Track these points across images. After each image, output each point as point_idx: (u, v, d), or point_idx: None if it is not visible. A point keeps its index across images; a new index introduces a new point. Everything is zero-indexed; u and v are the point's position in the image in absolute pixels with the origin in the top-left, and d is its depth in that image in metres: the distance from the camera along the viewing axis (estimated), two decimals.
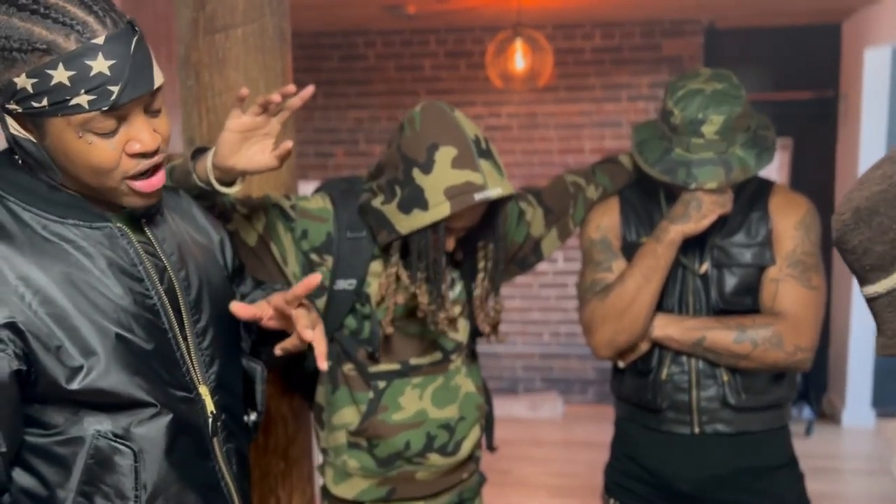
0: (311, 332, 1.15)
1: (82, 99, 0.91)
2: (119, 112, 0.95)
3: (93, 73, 0.91)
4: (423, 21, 4.43)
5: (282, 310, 1.18)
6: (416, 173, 1.35)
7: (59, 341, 0.96)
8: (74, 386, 0.96)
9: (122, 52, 0.93)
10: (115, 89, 0.92)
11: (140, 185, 1.01)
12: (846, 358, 4.26)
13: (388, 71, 4.77)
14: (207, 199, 1.31)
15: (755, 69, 4.56)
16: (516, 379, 4.89)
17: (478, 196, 1.34)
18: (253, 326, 1.29)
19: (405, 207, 1.37)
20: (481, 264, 1.52)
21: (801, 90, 4.56)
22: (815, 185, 3.95)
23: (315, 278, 1.14)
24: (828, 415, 4.46)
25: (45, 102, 0.92)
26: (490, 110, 4.71)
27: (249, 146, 1.24)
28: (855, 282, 4.91)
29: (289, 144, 1.25)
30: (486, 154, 1.37)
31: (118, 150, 0.97)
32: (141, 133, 0.98)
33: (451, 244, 1.45)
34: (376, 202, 1.43)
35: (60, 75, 0.90)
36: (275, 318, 1.20)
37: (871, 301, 0.87)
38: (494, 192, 1.35)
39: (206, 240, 1.22)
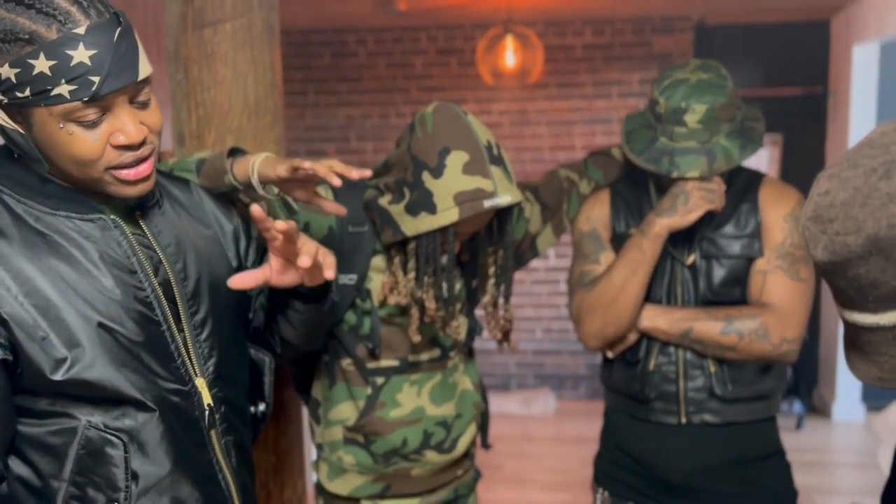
0: (307, 258, 1.09)
1: (63, 89, 0.92)
2: (101, 103, 0.95)
3: (73, 63, 0.91)
4: (413, 18, 4.43)
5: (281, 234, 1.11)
6: (426, 176, 1.35)
7: (44, 332, 0.97)
8: (58, 377, 0.97)
9: (104, 43, 0.93)
10: (96, 80, 0.93)
11: (125, 173, 1.01)
12: (836, 352, 4.28)
13: (378, 68, 4.77)
14: (227, 196, 1.30)
15: (745, 65, 4.58)
16: (509, 375, 4.90)
17: (487, 203, 1.33)
18: (262, 300, 1.30)
19: (413, 210, 1.36)
20: (490, 270, 1.52)
21: (790, 86, 4.58)
22: (805, 181, 3.92)
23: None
24: (818, 409, 4.49)
25: (27, 92, 0.92)
26: (481, 107, 4.72)
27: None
28: None
29: (358, 172, 1.20)
30: (498, 160, 1.36)
31: (102, 141, 0.98)
32: (126, 125, 0.98)
33: (456, 248, 1.44)
34: (383, 201, 1.42)
35: (42, 65, 0.91)
36: (278, 254, 1.15)
37: (866, 330, 0.79)
38: (504, 199, 1.35)
39: (215, 231, 1.21)
